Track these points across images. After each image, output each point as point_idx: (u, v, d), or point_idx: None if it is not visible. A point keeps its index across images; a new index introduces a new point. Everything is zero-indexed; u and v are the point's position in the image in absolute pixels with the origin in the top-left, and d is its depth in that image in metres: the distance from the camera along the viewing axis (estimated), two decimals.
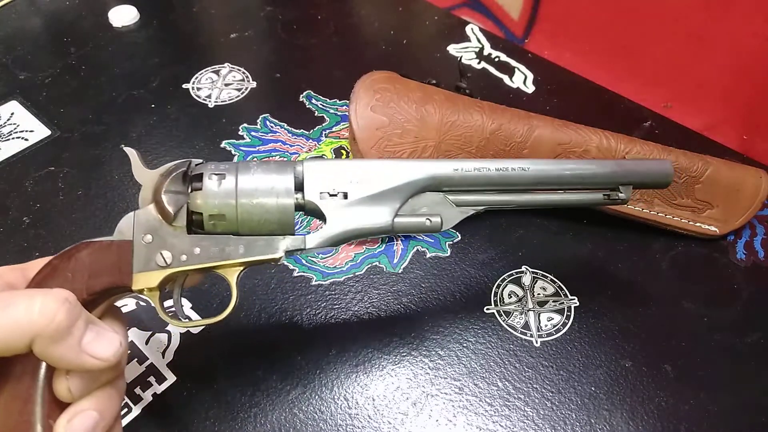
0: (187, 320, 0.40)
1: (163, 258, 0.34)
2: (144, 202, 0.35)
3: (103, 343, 0.29)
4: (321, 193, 0.35)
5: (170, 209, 0.34)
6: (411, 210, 0.37)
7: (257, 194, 0.34)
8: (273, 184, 0.34)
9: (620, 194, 0.39)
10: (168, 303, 0.47)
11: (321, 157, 0.58)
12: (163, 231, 0.34)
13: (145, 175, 0.35)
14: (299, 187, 0.35)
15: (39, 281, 0.32)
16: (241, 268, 0.35)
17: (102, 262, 0.33)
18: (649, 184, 0.40)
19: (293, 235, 0.35)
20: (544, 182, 0.37)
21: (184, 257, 0.34)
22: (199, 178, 0.34)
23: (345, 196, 0.36)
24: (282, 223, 0.35)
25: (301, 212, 0.36)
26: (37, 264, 0.33)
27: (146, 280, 0.34)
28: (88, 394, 0.31)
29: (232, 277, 0.35)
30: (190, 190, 0.34)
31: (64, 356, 0.28)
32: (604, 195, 0.39)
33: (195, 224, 0.34)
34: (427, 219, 0.37)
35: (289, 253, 0.35)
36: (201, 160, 0.36)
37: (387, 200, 0.36)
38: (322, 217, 0.36)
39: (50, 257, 0.33)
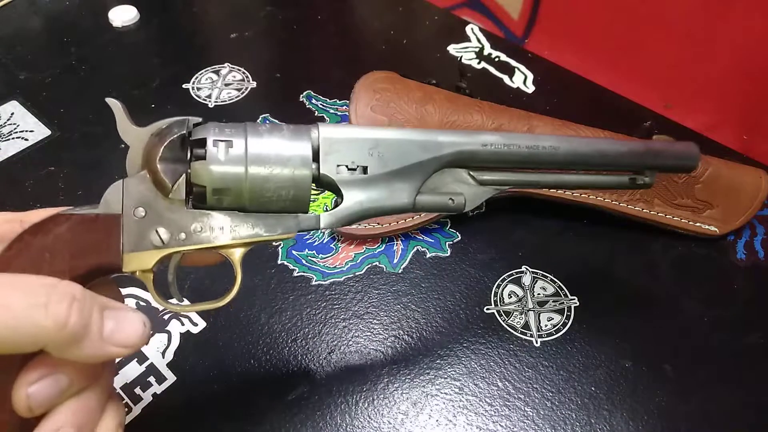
0: (186, 303, 0.36)
1: (159, 236, 0.30)
2: (132, 167, 0.30)
3: (126, 328, 0.26)
4: (338, 166, 0.32)
5: (167, 180, 0.29)
6: (433, 187, 0.34)
7: (270, 165, 0.30)
8: (288, 154, 0.30)
9: (645, 178, 0.37)
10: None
11: None
12: (159, 204, 0.30)
13: (133, 134, 0.30)
14: (314, 156, 0.31)
15: (10, 260, 0.27)
16: (247, 247, 0.32)
17: (86, 239, 0.28)
18: (676, 168, 0.38)
19: (306, 213, 0.32)
20: (573, 163, 0.35)
21: (182, 236, 0.30)
22: (202, 143, 0.30)
23: (364, 170, 0.32)
24: (297, 199, 0.31)
25: (314, 186, 0.32)
26: (38, 214, 0.29)
27: (139, 261, 0.30)
28: (58, 405, 0.26)
29: (236, 256, 0.32)
30: (190, 158, 0.30)
31: (86, 355, 0.25)
32: (629, 179, 0.38)
33: (196, 197, 0.30)
34: (450, 198, 0.34)
35: (301, 231, 0.32)
36: (200, 119, 0.31)
37: (409, 176, 0.33)
38: (338, 192, 0.32)
39: (52, 209, 0.29)
